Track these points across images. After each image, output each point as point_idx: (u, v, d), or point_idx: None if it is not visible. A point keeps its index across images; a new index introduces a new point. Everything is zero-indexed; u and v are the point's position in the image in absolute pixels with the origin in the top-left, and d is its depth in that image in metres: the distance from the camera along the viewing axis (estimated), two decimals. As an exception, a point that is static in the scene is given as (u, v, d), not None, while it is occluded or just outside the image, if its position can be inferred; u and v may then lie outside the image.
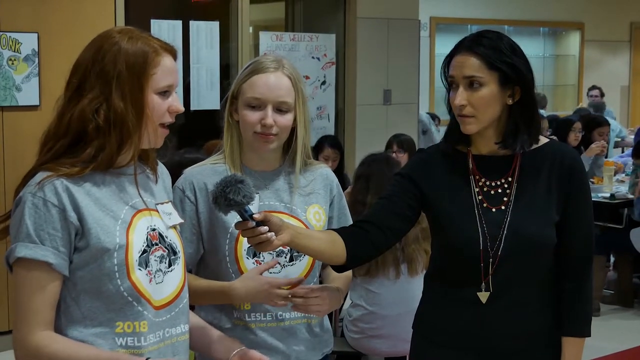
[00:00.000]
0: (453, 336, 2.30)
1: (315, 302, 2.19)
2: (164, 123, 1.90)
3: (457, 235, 2.23)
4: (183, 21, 6.33)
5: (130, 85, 1.83)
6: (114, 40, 1.84)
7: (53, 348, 1.77)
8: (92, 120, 1.81)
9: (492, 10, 11.46)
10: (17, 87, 5.40)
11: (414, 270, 3.93)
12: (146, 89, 1.85)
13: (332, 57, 7.23)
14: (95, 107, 1.81)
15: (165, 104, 1.89)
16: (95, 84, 1.82)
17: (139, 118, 1.85)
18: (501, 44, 2.19)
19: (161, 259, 1.91)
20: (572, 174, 2.25)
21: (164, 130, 1.92)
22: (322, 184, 2.40)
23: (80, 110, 1.81)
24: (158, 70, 1.86)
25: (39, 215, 1.77)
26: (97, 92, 1.82)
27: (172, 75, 1.90)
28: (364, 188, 4.05)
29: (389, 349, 4.04)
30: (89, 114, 1.81)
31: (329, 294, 2.23)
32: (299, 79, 2.33)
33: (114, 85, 1.82)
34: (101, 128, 1.81)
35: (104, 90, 1.82)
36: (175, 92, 1.93)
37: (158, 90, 1.87)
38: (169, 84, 1.89)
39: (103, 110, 1.81)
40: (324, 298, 2.20)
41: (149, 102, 1.85)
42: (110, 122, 1.81)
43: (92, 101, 1.81)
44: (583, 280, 2.28)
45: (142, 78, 1.84)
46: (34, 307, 1.78)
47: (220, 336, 2.09)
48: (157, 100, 1.87)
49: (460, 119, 2.22)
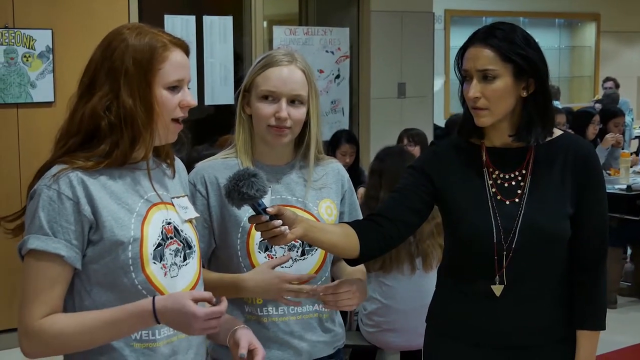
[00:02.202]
0: (466, 330, 2.29)
1: (346, 296, 2.19)
2: (176, 118, 1.90)
3: (470, 228, 2.23)
4: (196, 16, 6.33)
5: (138, 81, 1.83)
6: (123, 37, 1.85)
7: (57, 327, 1.77)
8: (104, 118, 1.81)
9: (507, 2, 11.40)
10: (32, 84, 5.42)
11: (428, 265, 3.92)
12: (154, 85, 1.85)
13: (346, 51, 7.22)
14: (106, 104, 1.82)
15: (176, 98, 1.88)
16: (105, 81, 1.83)
17: (149, 114, 1.84)
18: (515, 36, 2.17)
19: (176, 252, 1.91)
20: (586, 166, 2.24)
21: (176, 126, 1.92)
22: (333, 178, 2.40)
23: (91, 107, 1.82)
24: (166, 65, 1.85)
25: (52, 207, 1.78)
26: (107, 89, 1.83)
27: (182, 70, 1.89)
28: (376, 183, 4.05)
29: (404, 342, 4.04)
30: (100, 111, 1.81)
31: (357, 286, 2.22)
32: (312, 72, 2.33)
33: (122, 81, 1.82)
34: (114, 125, 1.82)
35: (113, 87, 1.82)
36: (189, 87, 1.93)
37: (167, 85, 1.86)
38: (178, 79, 1.88)
39: (114, 107, 1.82)
40: (353, 292, 2.20)
41: (158, 98, 1.85)
42: (121, 119, 1.81)
43: (102, 98, 1.82)
44: (597, 273, 2.26)
45: (148, 74, 1.84)
46: (42, 295, 1.78)
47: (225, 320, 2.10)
48: (167, 96, 1.87)
49: (474, 111, 2.21)
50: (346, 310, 2.28)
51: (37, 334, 1.78)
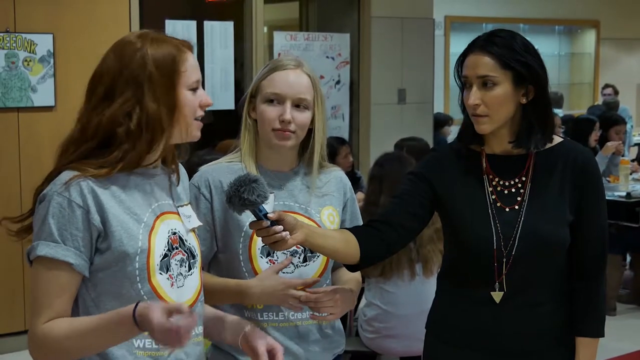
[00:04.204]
0: (466, 336, 2.29)
1: (329, 304, 2.19)
2: (197, 117, 1.94)
3: (470, 235, 2.23)
4: (197, 21, 6.35)
5: (162, 85, 1.85)
6: (137, 46, 1.86)
7: (55, 334, 1.77)
8: (122, 124, 1.82)
9: (507, 9, 11.41)
10: (33, 88, 5.42)
11: (429, 270, 3.92)
12: (178, 87, 1.88)
13: (347, 57, 7.23)
14: (127, 110, 1.83)
15: (197, 99, 1.92)
16: (125, 89, 1.84)
17: (171, 116, 1.87)
18: (514, 43, 2.18)
19: (181, 262, 1.92)
20: (585, 173, 2.24)
21: (199, 123, 1.95)
22: (336, 186, 2.40)
23: (110, 114, 1.83)
24: (187, 67, 1.89)
25: (62, 215, 1.78)
26: (129, 96, 1.83)
27: (197, 71, 1.94)
28: (376, 189, 4.06)
29: (404, 348, 4.04)
30: (119, 118, 1.83)
31: (341, 295, 2.22)
32: (318, 80, 2.34)
33: (146, 87, 1.84)
34: (131, 131, 1.83)
35: (136, 93, 1.84)
36: None
37: (190, 86, 1.90)
38: (197, 79, 1.92)
39: (135, 114, 1.83)
40: (335, 300, 2.20)
41: (182, 99, 1.88)
42: (142, 124, 1.83)
43: (122, 105, 1.83)
44: (597, 279, 2.27)
45: (173, 77, 1.87)
46: (50, 302, 1.78)
47: (231, 321, 2.11)
48: (190, 97, 1.90)
49: (474, 118, 2.21)
50: (329, 319, 2.27)
51: (40, 339, 1.78)
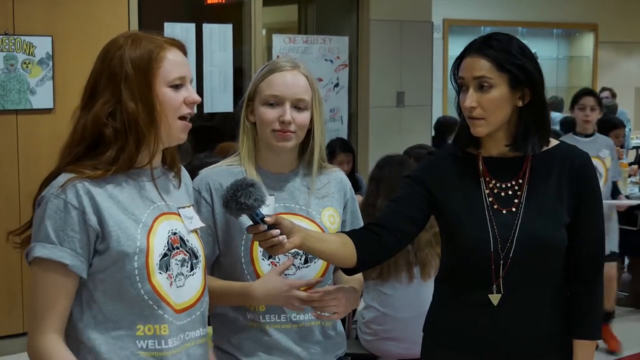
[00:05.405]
0: (464, 339, 2.30)
1: (332, 303, 2.20)
2: (183, 116, 1.92)
3: (467, 237, 2.23)
4: (196, 24, 6.35)
5: (138, 83, 1.85)
6: (119, 44, 1.88)
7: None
8: (108, 124, 1.84)
9: (506, 12, 11.43)
10: (32, 91, 5.43)
11: (426, 274, 3.92)
12: (155, 85, 1.87)
13: (345, 60, 7.24)
14: (109, 110, 1.84)
15: (180, 96, 1.91)
16: (106, 88, 1.86)
17: (151, 115, 1.87)
18: (511, 46, 2.19)
19: (182, 262, 1.93)
20: (582, 175, 2.25)
21: (184, 124, 1.94)
22: (336, 187, 2.41)
23: (93, 115, 1.84)
24: (164, 64, 1.88)
25: (59, 216, 1.80)
26: (109, 96, 1.85)
27: (182, 67, 1.92)
28: (374, 191, 4.06)
29: (403, 351, 4.04)
30: (102, 118, 1.84)
31: (345, 294, 2.23)
32: (315, 80, 2.34)
33: (123, 86, 1.85)
34: (118, 131, 1.84)
35: (115, 92, 1.85)
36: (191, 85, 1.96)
37: (169, 83, 1.89)
38: (180, 76, 1.91)
39: (118, 113, 1.84)
40: (339, 299, 2.21)
41: (161, 97, 1.88)
42: (125, 123, 1.84)
43: (104, 105, 1.84)
44: (594, 282, 2.27)
45: (148, 74, 1.86)
46: (47, 308, 1.80)
47: None
48: (170, 94, 1.89)
49: (471, 121, 2.22)
50: (334, 319, 2.28)
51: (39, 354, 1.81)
